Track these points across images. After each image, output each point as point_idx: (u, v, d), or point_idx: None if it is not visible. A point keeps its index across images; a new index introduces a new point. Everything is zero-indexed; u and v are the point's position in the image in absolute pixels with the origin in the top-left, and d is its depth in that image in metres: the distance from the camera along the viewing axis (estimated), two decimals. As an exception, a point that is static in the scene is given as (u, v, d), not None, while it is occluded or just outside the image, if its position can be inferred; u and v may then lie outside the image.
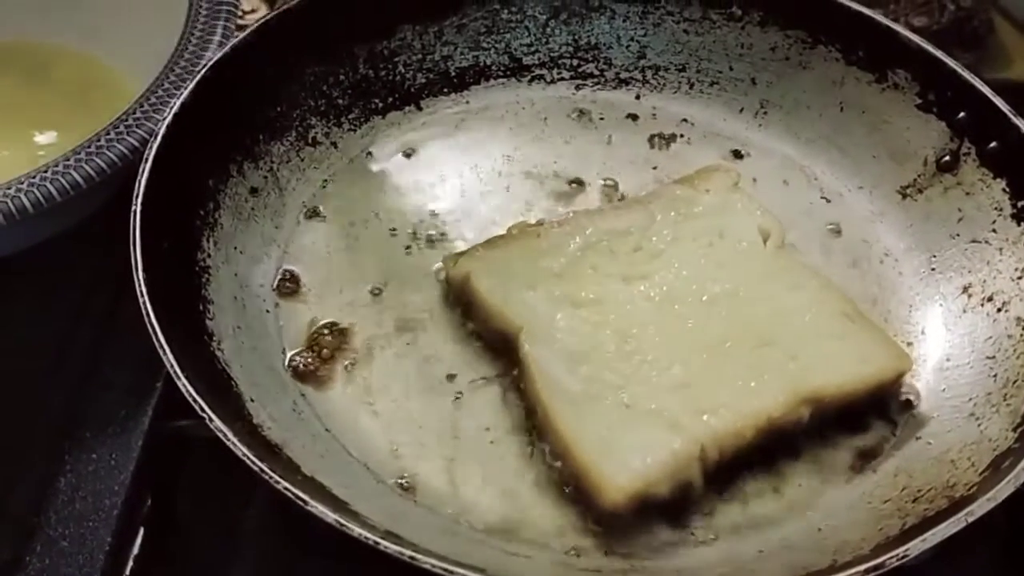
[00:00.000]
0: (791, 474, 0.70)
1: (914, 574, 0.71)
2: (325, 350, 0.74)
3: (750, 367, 0.69)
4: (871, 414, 0.72)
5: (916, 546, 0.58)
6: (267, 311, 0.75)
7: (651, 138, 0.90)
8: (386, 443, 0.70)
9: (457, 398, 0.72)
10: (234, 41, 0.81)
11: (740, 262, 0.76)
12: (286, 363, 0.73)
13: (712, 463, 0.66)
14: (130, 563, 0.70)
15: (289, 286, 0.77)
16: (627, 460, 0.64)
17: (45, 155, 0.82)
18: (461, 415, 0.72)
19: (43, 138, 0.89)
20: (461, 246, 0.80)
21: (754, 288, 0.74)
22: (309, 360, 0.73)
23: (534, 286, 0.74)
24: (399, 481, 0.68)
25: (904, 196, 0.84)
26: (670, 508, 0.66)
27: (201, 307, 0.71)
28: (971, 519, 0.59)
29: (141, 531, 0.72)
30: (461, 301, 0.76)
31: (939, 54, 0.84)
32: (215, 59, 0.79)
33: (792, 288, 0.75)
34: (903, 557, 0.57)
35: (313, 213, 0.82)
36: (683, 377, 0.69)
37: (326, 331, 0.75)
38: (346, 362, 0.74)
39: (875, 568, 0.57)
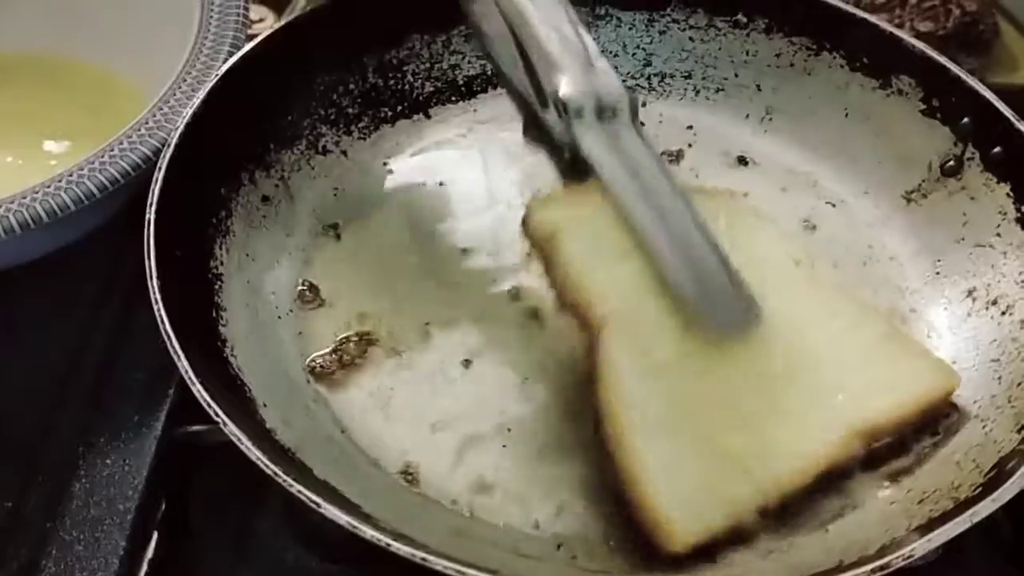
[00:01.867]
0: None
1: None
2: (346, 356, 0.75)
3: (804, 406, 0.67)
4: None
5: (922, 546, 0.58)
6: (279, 317, 0.76)
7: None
8: (397, 444, 0.71)
9: (477, 401, 0.73)
10: (245, 51, 0.82)
11: (777, 292, 0.72)
12: (305, 365, 0.74)
13: (772, 509, 0.65)
14: (144, 567, 0.71)
15: (309, 294, 0.78)
16: (700, 511, 0.63)
17: (58, 164, 0.83)
18: (478, 419, 0.72)
19: (56, 147, 0.90)
20: (479, 250, 0.81)
21: (794, 319, 0.72)
22: (329, 362, 0.74)
23: (625, 260, 0.68)
24: (406, 475, 0.69)
25: (909, 201, 0.85)
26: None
27: (214, 314, 0.72)
28: (976, 519, 0.60)
29: (155, 535, 0.72)
30: (543, 257, 0.72)
31: (943, 60, 0.85)
32: (226, 69, 0.80)
33: (831, 316, 0.73)
34: (909, 557, 0.58)
35: (330, 226, 0.83)
36: (744, 416, 0.66)
37: (351, 338, 0.76)
38: (364, 366, 0.74)
39: (881, 568, 0.57)
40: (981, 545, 0.75)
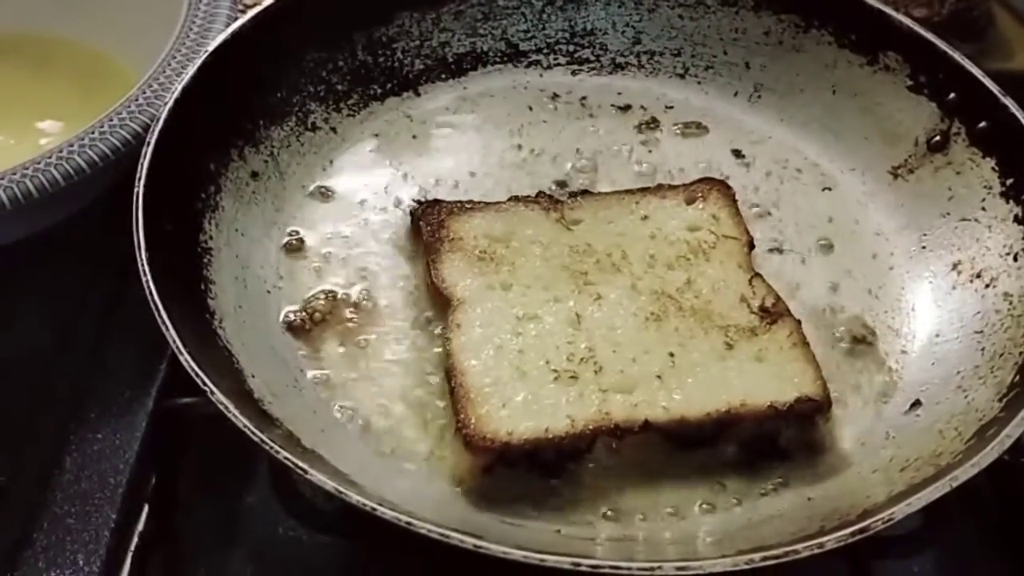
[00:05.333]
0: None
1: (907, 549, 0.73)
2: (317, 313, 0.75)
3: (670, 368, 0.70)
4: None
5: (901, 510, 0.59)
6: (268, 292, 0.76)
7: (648, 123, 0.90)
8: (386, 414, 0.71)
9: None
10: (234, 27, 0.82)
11: (707, 274, 0.76)
12: (280, 315, 0.75)
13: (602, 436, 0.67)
14: (135, 540, 0.71)
15: (295, 243, 0.80)
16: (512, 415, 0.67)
17: (49, 144, 0.84)
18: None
19: (47, 127, 0.91)
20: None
21: (710, 299, 0.75)
22: (304, 317, 0.75)
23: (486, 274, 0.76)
24: (392, 448, 0.70)
25: (895, 176, 0.85)
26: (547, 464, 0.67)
27: (203, 287, 0.72)
28: (955, 484, 0.60)
29: (146, 509, 0.73)
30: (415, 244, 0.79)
31: (930, 36, 0.85)
32: (215, 45, 0.80)
33: (740, 299, 0.75)
34: (888, 521, 0.58)
35: (320, 191, 0.83)
36: (602, 359, 0.70)
37: (322, 296, 0.77)
38: (342, 330, 0.75)
39: (861, 531, 0.58)
40: (967, 521, 0.76)
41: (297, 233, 0.80)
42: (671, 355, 0.71)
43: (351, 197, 0.83)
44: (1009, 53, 1.07)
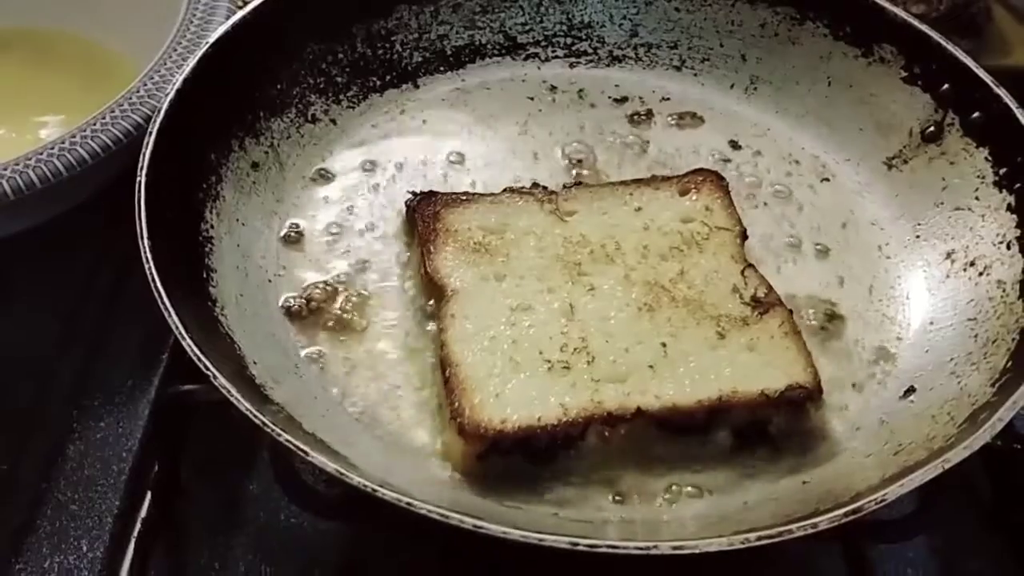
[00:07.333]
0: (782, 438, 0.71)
1: (900, 533, 0.74)
2: (314, 302, 0.76)
3: (662, 357, 0.71)
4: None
5: (894, 491, 0.60)
6: (269, 281, 0.77)
7: (645, 114, 0.91)
8: (384, 401, 0.72)
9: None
10: (235, 19, 0.83)
11: (700, 265, 0.77)
12: (280, 303, 0.76)
13: (597, 425, 0.68)
14: (138, 526, 0.71)
15: (295, 233, 0.80)
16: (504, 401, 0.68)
17: (51, 136, 0.84)
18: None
19: (49, 120, 0.91)
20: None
21: (703, 289, 0.75)
22: (302, 305, 0.76)
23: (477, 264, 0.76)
24: (391, 434, 0.70)
25: (890, 167, 0.86)
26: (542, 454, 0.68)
27: (204, 275, 0.73)
28: (947, 466, 0.61)
29: (148, 495, 0.73)
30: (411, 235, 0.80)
31: (924, 28, 0.86)
32: (216, 37, 0.81)
33: (732, 289, 0.75)
34: (881, 502, 0.59)
35: (319, 182, 0.84)
36: (595, 349, 0.71)
37: (320, 285, 0.77)
38: (339, 319, 0.76)
39: (854, 512, 0.58)
40: (961, 506, 0.76)
41: (297, 223, 0.81)
42: (663, 345, 0.71)
43: (349, 188, 0.84)
44: (1007, 49, 1.08)
